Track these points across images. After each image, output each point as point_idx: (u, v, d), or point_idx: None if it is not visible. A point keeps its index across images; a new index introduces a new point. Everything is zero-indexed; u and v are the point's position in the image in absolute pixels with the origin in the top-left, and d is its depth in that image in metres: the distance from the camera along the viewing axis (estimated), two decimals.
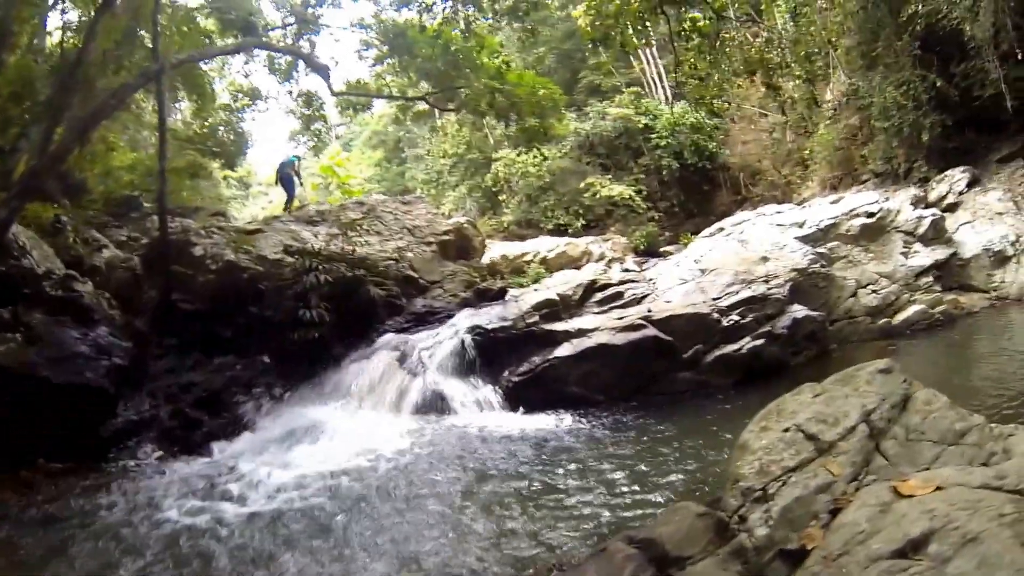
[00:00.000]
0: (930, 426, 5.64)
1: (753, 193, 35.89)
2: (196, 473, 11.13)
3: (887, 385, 6.00)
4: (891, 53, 24.00)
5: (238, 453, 12.16)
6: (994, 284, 19.73)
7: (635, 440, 11.26)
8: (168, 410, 13.05)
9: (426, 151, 44.22)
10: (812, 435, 5.55)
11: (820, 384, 6.30)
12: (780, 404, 6.12)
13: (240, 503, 9.64)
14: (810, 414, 5.76)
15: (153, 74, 15.66)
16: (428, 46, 19.91)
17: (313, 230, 18.09)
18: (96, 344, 12.52)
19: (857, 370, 6.32)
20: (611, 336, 14.28)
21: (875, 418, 5.65)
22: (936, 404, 5.85)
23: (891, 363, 6.30)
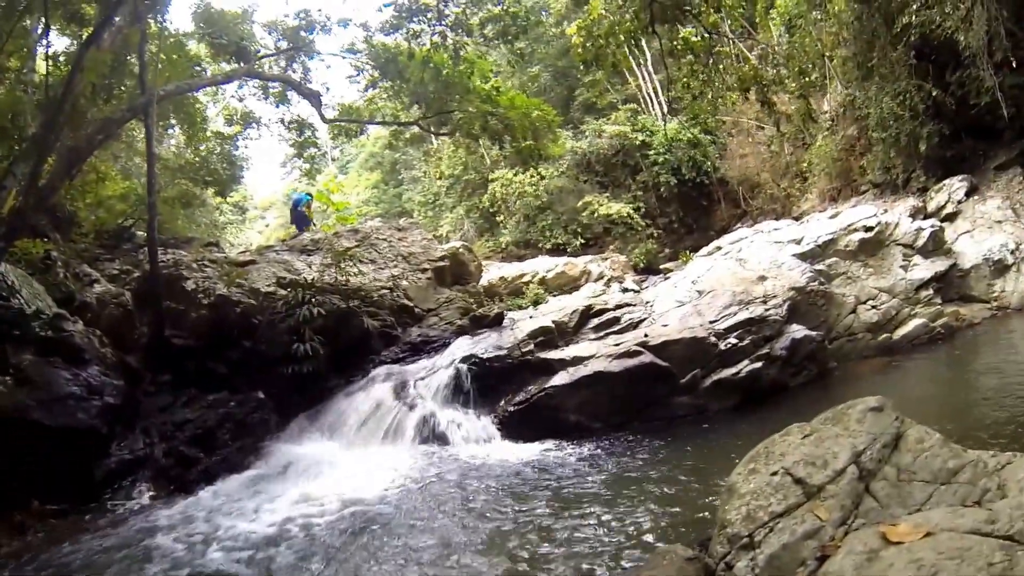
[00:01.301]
0: (922, 465, 5.50)
1: (752, 207, 35.80)
2: (191, 514, 11.02)
3: (878, 424, 5.87)
4: (886, 63, 23.97)
5: (233, 492, 12.05)
6: (994, 294, 19.61)
7: (631, 472, 11.10)
8: (162, 448, 12.95)
9: (422, 173, 44.19)
10: (800, 479, 5.42)
11: (809, 424, 6.17)
12: (768, 446, 5.98)
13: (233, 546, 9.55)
14: (798, 456, 5.62)
15: (141, 107, 15.62)
16: (419, 70, 19.87)
17: (307, 260, 18.03)
18: (88, 384, 12.44)
19: (848, 408, 6.19)
20: (607, 363, 14.17)
21: (865, 459, 5.52)
22: (928, 442, 5.70)
23: (882, 400, 6.16)
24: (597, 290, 22.94)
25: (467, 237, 40.92)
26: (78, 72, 13.55)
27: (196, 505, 11.52)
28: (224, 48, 22.24)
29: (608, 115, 39.45)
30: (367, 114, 25.39)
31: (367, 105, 25.10)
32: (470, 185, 42.02)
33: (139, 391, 13.90)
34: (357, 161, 59.15)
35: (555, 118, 23.24)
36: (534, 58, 42.82)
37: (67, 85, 13.27)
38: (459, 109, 20.82)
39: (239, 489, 12.15)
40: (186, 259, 16.19)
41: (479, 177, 40.93)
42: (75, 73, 13.44)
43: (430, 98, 21.06)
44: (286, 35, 22.33)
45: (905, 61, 23.39)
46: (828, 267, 18.33)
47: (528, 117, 21.02)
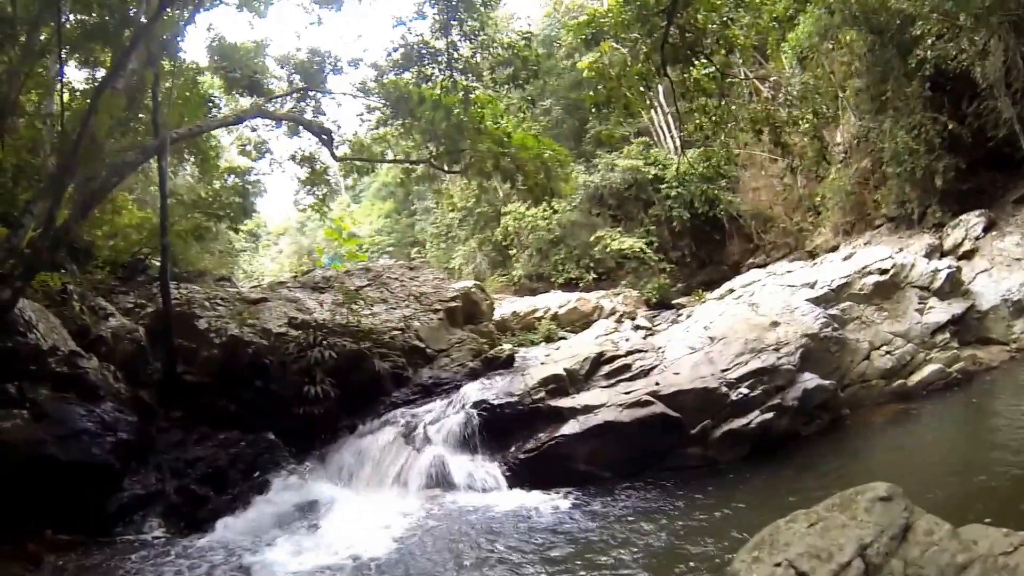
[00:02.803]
0: (930, 559, 5.44)
1: (765, 241, 35.76)
2: (198, 553, 11.18)
3: (887, 514, 5.81)
4: (901, 96, 23.90)
5: (241, 532, 12.19)
6: (1014, 336, 19.14)
7: (638, 529, 11.01)
8: (174, 485, 13.13)
9: (435, 204, 44.21)
10: (803, 573, 5.40)
11: (816, 510, 6.09)
12: (773, 533, 5.91)
13: None
14: (803, 548, 5.58)
15: (154, 149, 15.69)
16: (430, 111, 19.89)
17: (318, 298, 18.09)
18: (102, 420, 12.63)
19: (856, 494, 6.12)
20: (618, 413, 14.10)
21: (871, 552, 5.47)
22: (938, 534, 5.64)
23: (892, 489, 6.09)
24: (609, 327, 22.84)
25: (479, 270, 41.01)
26: (93, 114, 13.61)
27: (204, 544, 11.67)
28: (237, 82, 22.33)
29: (621, 148, 39.42)
30: (378, 151, 25.44)
31: (378, 142, 25.13)
32: (483, 218, 42.06)
33: (152, 427, 14.03)
34: (370, 190, 59.17)
35: (567, 158, 23.25)
36: (546, 91, 42.76)
37: (82, 126, 13.33)
38: (470, 149, 20.83)
39: (247, 530, 12.28)
40: (198, 296, 16.30)
41: (492, 210, 40.97)
42: (90, 115, 13.49)
43: (441, 137, 21.07)
44: (298, 69, 22.38)
45: (920, 93, 23.33)
46: (842, 311, 18.07)
47: (540, 157, 21.02)
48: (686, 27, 17.11)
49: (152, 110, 16.43)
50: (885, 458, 13.54)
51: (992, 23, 20.00)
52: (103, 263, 18.20)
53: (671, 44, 17.12)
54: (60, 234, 13.54)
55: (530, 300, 31.00)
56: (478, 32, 19.83)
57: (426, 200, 47.98)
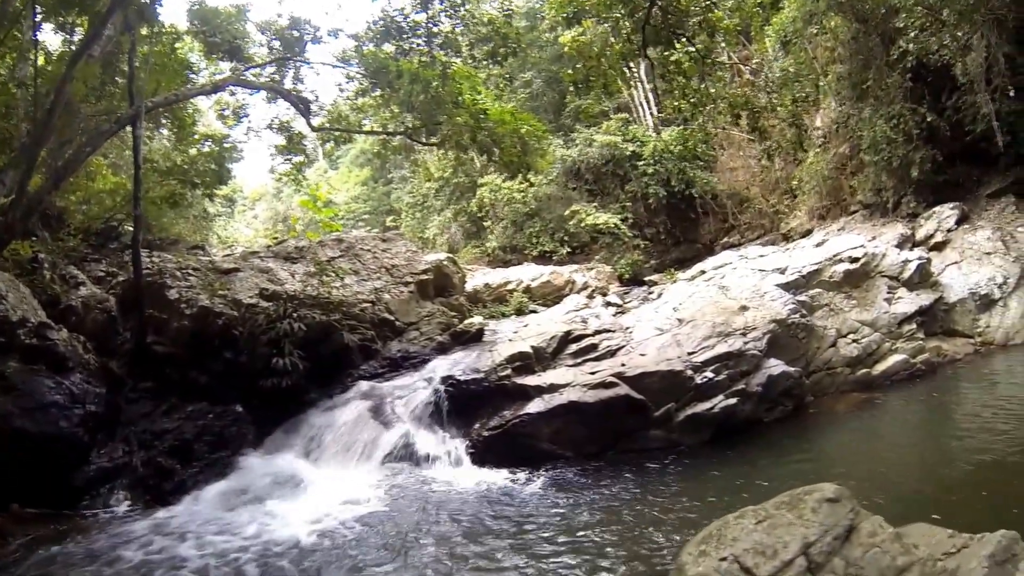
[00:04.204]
0: (871, 561, 5.55)
1: (740, 221, 35.77)
2: (163, 527, 11.19)
3: (833, 515, 5.90)
4: (882, 85, 23.93)
5: (207, 506, 12.23)
6: (979, 329, 19.41)
7: (597, 508, 11.14)
8: (141, 457, 13.10)
9: (411, 173, 44.04)
10: (748, 568, 5.49)
11: (764, 507, 6.18)
12: (721, 528, 6.01)
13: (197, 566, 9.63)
14: (749, 544, 5.68)
15: (128, 119, 15.59)
16: (409, 83, 19.85)
17: (290, 269, 18.00)
18: (70, 392, 12.63)
19: (804, 493, 6.21)
20: (583, 393, 14.14)
21: (815, 551, 5.57)
22: (880, 536, 5.74)
23: (840, 491, 6.17)
24: (580, 302, 22.91)
25: (454, 241, 40.96)
26: (68, 82, 13.54)
27: (169, 518, 11.69)
28: (217, 47, 22.21)
29: (600, 123, 39.34)
30: (356, 122, 25.38)
31: (356, 112, 25.06)
32: (459, 189, 41.94)
33: (120, 397, 14.01)
34: (348, 157, 58.92)
35: (544, 133, 23.24)
36: (527, 63, 42.61)
37: (57, 95, 13.27)
38: (448, 122, 20.82)
39: (212, 503, 12.30)
40: (170, 266, 16.17)
41: (468, 181, 40.83)
42: (65, 83, 13.42)
43: (419, 110, 21.04)
44: (279, 36, 22.27)
45: (901, 84, 23.39)
46: (811, 298, 18.12)
47: (517, 132, 21.02)
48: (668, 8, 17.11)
49: (128, 77, 16.30)
50: (844, 449, 13.68)
51: (976, 20, 20.12)
52: (76, 230, 18.12)
53: (652, 25, 17.12)
54: (33, 203, 13.52)
55: (503, 272, 30.94)
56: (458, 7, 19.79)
57: (403, 169, 47.77)
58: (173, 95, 18.90)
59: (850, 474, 11.54)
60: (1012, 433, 12.33)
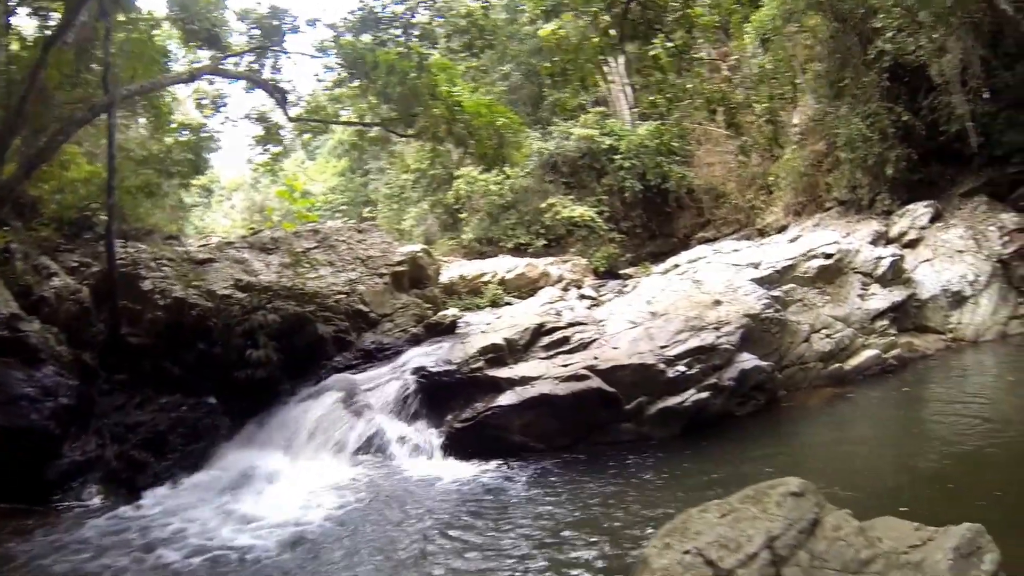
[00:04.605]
0: (835, 554, 5.59)
1: (716, 216, 35.78)
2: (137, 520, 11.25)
3: (797, 509, 5.93)
4: (859, 84, 24.05)
5: (179, 499, 12.29)
6: (951, 326, 19.58)
7: (567, 501, 11.18)
8: (114, 451, 13.06)
9: (389, 164, 43.91)
10: (711, 561, 5.50)
11: (729, 501, 6.20)
12: (685, 521, 6.03)
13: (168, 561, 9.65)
14: (713, 537, 5.69)
15: (103, 107, 15.51)
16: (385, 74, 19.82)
17: (266, 259, 17.97)
18: (42, 385, 12.56)
19: (769, 487, 6.24)
20: (554, 386, 14.17)
21: (779, 545, 5.60)
22: (845, 530, 5.79)
23: (804, 485, 6.21)
24: (555, 295, 22.95)
25: (430, 232, 40.87)
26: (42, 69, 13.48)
27: (142, 512, 11.72)
28: (196, 34, 22.09)
29: (577, 117, 39.32)
30: (333, 112, 25.34)
31: (333, 102, 25.02)
32: (436, 180, 41.75)
33: (94, 390, 13.96)
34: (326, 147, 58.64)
35: (520, 126, 23.26)
36: (506, 55, 42.56)
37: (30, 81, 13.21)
38: (424, 114, 20.80)
39: (185, 497, 12.37)
40: (144, 257, 16.12)
41: (445, 172, 40.73)
42: (39, 70, 13.37)
43: (395, 101, 21.01)
44: (258, 24, 22.18)
45: (877, 83, 23.47)
46: (785, 293, 18.21)
47: (493, 124, 21.03)
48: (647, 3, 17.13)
49: (103, 64, 16.21)
50: (816, 442, 13.83)
51: (952, 23, 20.26)
52: (49, 219, 17.95)
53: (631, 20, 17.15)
54: (5, 192, 13.46)
55: (479, 264, 30.92)
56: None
57: (380, 160, 47.65)
58: (150, 83, 18.79)
59: (821, 467, 11.69)
60: (980, 427, 12.46)
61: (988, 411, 13.49)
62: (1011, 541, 6.20)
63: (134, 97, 19.32)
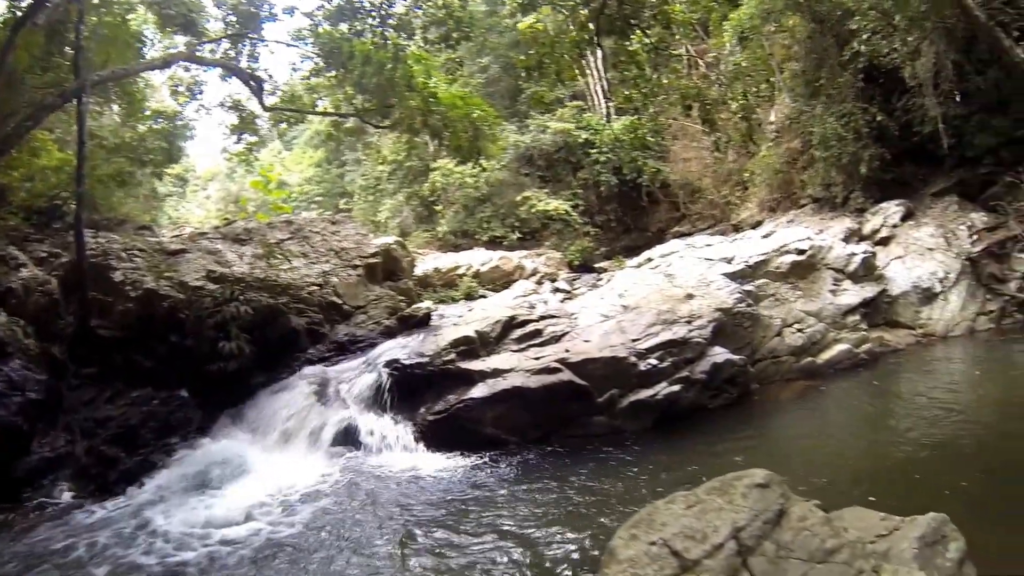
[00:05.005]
0: (801, 544, 5.65)
1: (692, 211, 35.94)
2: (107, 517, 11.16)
3: (763, 500, 5.99)
4: (834, 84, 24.31)
5: (152, 495, 12.16)
6: (921, 321, 19.76)
7: (538, 494, 11.22)
8: (84, 446, 12.89)
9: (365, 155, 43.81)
10: (677, 551, 5.54)
11: (695, 492, 6.25)
12: (652, 513, 6.07)
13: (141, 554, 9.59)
14: (678, 528, 5.74)
15: (73, 92, 15.39)
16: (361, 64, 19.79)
17: (239, 250, 17.89)
18: (9, 379, 12.41)
19: (735, 479, 6.29)
20: (526, 378, 14.16)
21: (745, 535, 5.65)
22: (810, 520, 5.85)
23: (769, 476, 6.27)
24: (529, 288, 22.98)
25: (405, 224, 40.85)
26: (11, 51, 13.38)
27: (113, 508, 11.62)
28: (172, 20, 21.96)
29: (554, 110, 39.43)
30: (309, 103, 25.26)
31: (309, 92, 24.95)
32: (412, 172, 41.75)
33: (63, 384, 13.80)
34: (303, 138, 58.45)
35: (495, 119, 23.31)
36: (485, 48, 42.66)
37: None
38: (400, 105, 20.78)
39: (157, 492, 12.24)
40: (115, 247, 15.97)
41: (421, 165, 40.74)
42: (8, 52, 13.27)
43: (371, 92, 20.99)
44: (235, 10, 22.07)
45: (852, 84, 23.79)
46: (757, 288, 18.27)
47: (468, 117, 21.04)
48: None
49: (75, 48, 16.07)
50: (787, 435, 13.94)
51: (926, 27, 20.56)
52: (17, 208, 17.77)
53: (608, 14, 17.15)
54: None
55: (453, 256, 30.98)
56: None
57: (357, 152, 47.54)
58: (123, 69, 18.68)
59: (792, 459, 11.81)
60: (948, 420, 12.66)
61: (956, 404, 13.67)
62: (976, 530, 6.33)
63: (107, 83, 19.18)
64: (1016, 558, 7.21)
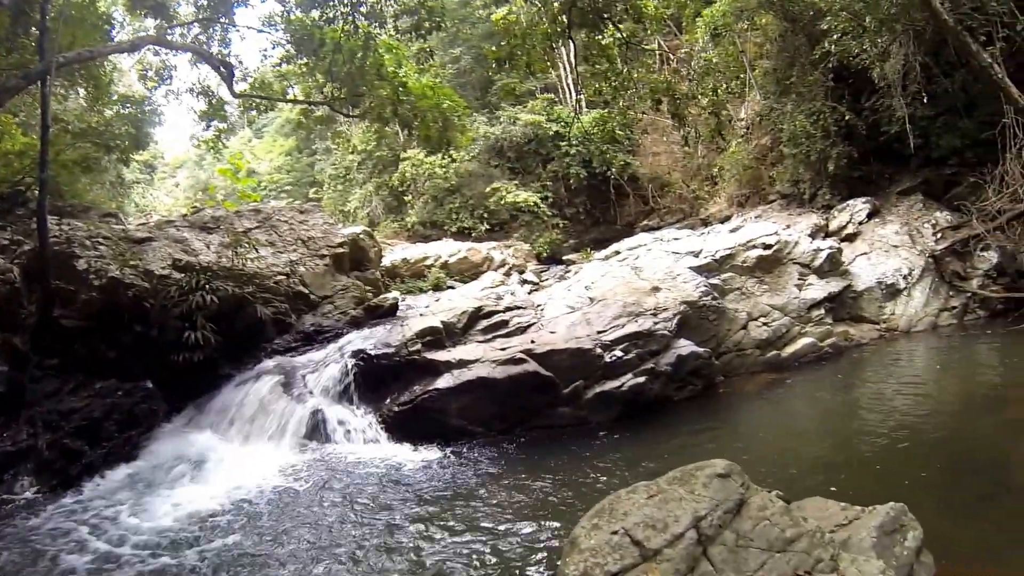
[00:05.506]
0: (760, 533, 5.72)
1: (661, 205, 36.14)
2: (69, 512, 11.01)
3: (723, 490, 6.06)
4: (804, 82, 24.59)
5: (114, 489, 12.05)
6: (884, 316, 20.03)
7: (502, 484, 11.26)
8: (47, 439, 12.66)
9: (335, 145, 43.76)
10: (638, 541, 5.59)
11: (657, 482, 6.30)
12: (613, 502, 6.11)
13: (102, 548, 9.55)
14: (640, 518, 5.79)
15: (37, 75, 15.23)
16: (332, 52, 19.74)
17: (206, 239, 17.73)
18: None
19: (696, 469, 6.35)
20: (491, 369, 14.16)
21: (705, 525, 5.71)
22: (770, 510, 5.92)
23: (730, 466, 6.34)
24: (497, 279, 23.09)
25: (374, 214, 40.90)
26: None
27: (75, 503, 11.47)
28: (141, 2, 21.71)
29: (526, 102, 39.49)
30: (280, 90, 25.15)
31: (280, 80, 24.84)
32: (381, 162, 41.82)
33: (25, 375, 13.54)
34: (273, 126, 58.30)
35: (465, 110, 23.32)
36: (457, 39, 42.72)
37: None
38: (370, 94, 20.74)
39: (120, 486, 12.13)
40: (79, 235, 15.74)
41: (391, 155, 40.77)
42: None
43: (342, 80, 20.93)
44: None
45: (822, 83, 24.11)
46: (723, 281, 18.46)
47: (438, 107, 21.03)
48: None
49: (40, 29, 15.89)
50: (751, 426, 14.01)
51: (896, 29, 20.88)
52: None
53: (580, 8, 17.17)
54: None
55: (422, 247, 31.06)
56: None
57: (327, 141, 47.48)
58: (89, 51, 18.39)
59: (755, 451, 11.87)
60: (909, 412, 12.80)
61: (917, 397, 13.85)
62: (934, 519, 6.46)
63: (73, 65, 18.97)
64: (972, 546, 7.32)
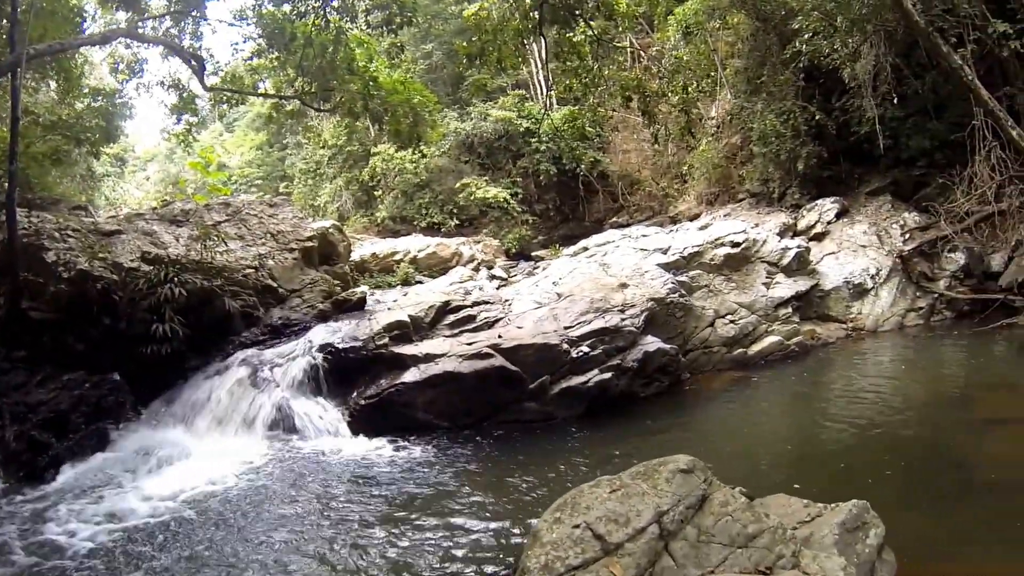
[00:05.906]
0: (722, 529, 5.78)
1: (630, 202, 36.24)
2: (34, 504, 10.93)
3: (686, 485, 6.12)
4: (775, 82, 24.77)
5: (82, 481, 11.94)
6: (851, 315, 20.25)
7: (468, 478, 11.33)
8: (13, 431, 12.58)
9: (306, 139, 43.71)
10: (600, 535, 5.65)
11: (620, 477, 6.36)
12: (576, 496, 6.18)
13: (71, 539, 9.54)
14: (602, 512, 5.85)
15: (7, 67, 15.14)
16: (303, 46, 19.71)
17: (175, 232, 17.63)
18: None
19: (659, 464, 6.41)
20: (458, 364, 14.20)
21: (667, 520, 5.76)
22: (732, 505, 5.99)
23: (693, 462, 6.40)
24: (465, 275, 23.12)
25: (344, 209, 40.93)
26: None
27: (41, 494, 11.39)
28: None
29: (497, 98, 39.53)
30: (251, 84, 25.07)
31: (251, 74, 24.76)
32: (352, 157, 41.83)
33: None
34: (244, 120, 58.07)
35: (435, 105, 23.35)
36: (430, 35, 42.73)
37: None
38: (340, 88, 20.72)
39: (87, 478, 12.01)
40: (48, 227, 15.64)
41: (361, 149, 40.77)
42: None
43: (313, 74, 20.89)
44: None
45: (793, 82, 24.33)
46: (691, 279, 18.54)
47: (410, 103, 21.04)
48: None
49: (10, 20, 15.78)
50: (717, 423, 14.15)
51: (867, 30, 21.10)
52: None
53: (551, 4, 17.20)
54: None
55: (391, 242, 31.17)
56: None
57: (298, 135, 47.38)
58: (60, 43, 18.29)
59: (720, 447, 12.00)
60: (874, 411, 12.98)
61: (882, 396, 14.04)
62: (896, 517, 6.54)
63: (43, 57, 18.85)
64: (934, 543, 7.45)
